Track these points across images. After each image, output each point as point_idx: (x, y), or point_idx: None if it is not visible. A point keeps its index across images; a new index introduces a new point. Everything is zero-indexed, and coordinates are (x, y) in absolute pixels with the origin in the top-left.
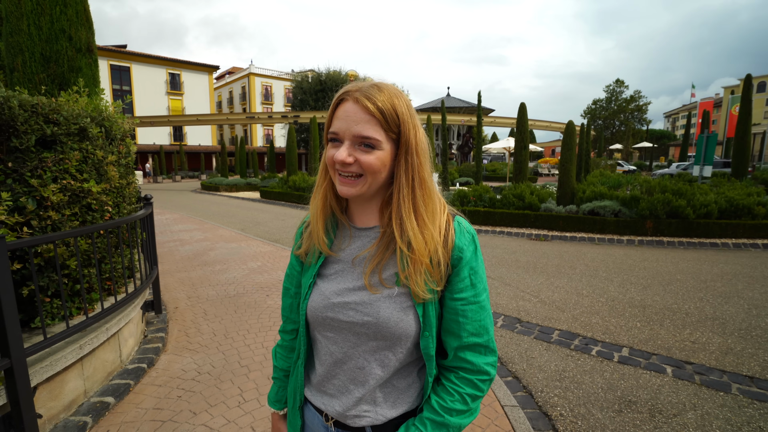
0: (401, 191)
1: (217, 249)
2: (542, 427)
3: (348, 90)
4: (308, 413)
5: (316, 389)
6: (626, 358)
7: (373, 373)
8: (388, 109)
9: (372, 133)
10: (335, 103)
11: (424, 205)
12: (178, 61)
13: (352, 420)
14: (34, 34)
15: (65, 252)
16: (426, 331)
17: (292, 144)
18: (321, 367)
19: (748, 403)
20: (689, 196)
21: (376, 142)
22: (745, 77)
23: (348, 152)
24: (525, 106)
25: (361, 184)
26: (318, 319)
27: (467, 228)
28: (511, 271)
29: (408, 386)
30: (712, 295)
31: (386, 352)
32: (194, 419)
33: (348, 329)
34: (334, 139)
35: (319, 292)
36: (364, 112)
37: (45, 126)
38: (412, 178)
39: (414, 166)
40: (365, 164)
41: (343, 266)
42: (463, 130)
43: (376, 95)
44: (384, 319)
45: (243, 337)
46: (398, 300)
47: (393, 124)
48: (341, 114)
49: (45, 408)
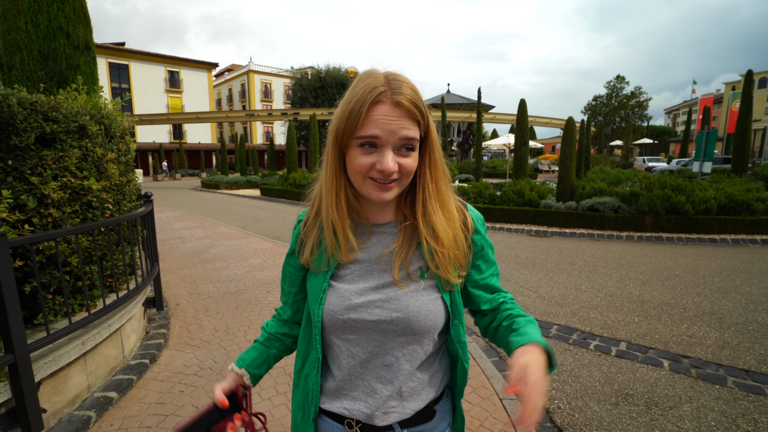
0: (427, 187)
1: (217, 246)
2: (540, 420)
3: (381, 90)
4: (324, 425)
5: (334, 396)
6: (624, 352)
7: (401, 369)
8: (420, 104)
9: (414, 134)
10: (369, 105)
11: (447, 198)
12: (177, 59)
13: (380, 419)
14: (32, 31)
15: (67, 249)
16: (456, 320)
17: (292, 141)
18: (340, 372)
19: (743, 395)
20: (688, 192)
21: (415, 144)
22: (746, 73)
23: (394, 160)
24: (525, 103)
25: (396, 188)
26: (338, 323)
27: (477, 213)
28: (511, 267)
29: (431, 377)
30: (710, 290)
31: (414, 345)
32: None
33: (373, 328)
34: (368, 143)
35: (337, 294)
36: (406, 113)
37: (44, 124)
38: (437, 174)
39: (437, 161)
40: (406, 168)
41: (362, 265)
42: (463, 126)
43: (407, 91)
44: (414, 313)
45: (244, 333)
46: (425, 293)
47: (425, 120)
48: (379, 117)
49: (49, 403)
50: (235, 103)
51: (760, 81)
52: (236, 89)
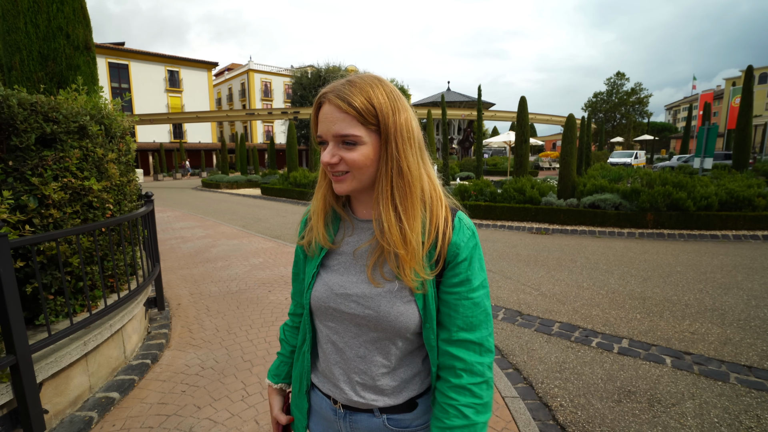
0: (381, 183)
1: (218, 246)
2: (542, 418)
3: (324, 92)
4: (315, 397)
5: (323, 375)
6: (626, 349)
7: (375, 361)
8: (362, 102)
9: (350, 130)
10: (315, 108)
11: (402, 196)
12: (176, 58)
13: (360, 405)
14: (32, 32)
15: (67, 250)
16: (427, 323)
17: (293, 140)
18: (324, 356)
19: (745, 391)
20: (689, 188)
21: (356, 138)
22: (746, 69)
23: (331, 153)
24: (525, 100)
25: (349, 181)
26: (321, 309)
27: (468, 224)
28: (512, 264)
29: (413, 376)
30: (711, 286)
31: (386, 342)
32: (198, 413)
33: (349, 320)
34: (321, 142)
35: (322, 282)
36: (340, 112)
37: (44, 124)
38: (391, 169)
39: (393, 155)
40: (349, 161)
41: (346, 258)
42: (464, 124)
43: (348, 92)
44: (384, 313)
45: (246, 332)
46: (399, 294)
47: (370, 116)
48: (321, 117)
49: (51, 403)
50: (235, 102)
51: (760, 76)
52: (236, 88)
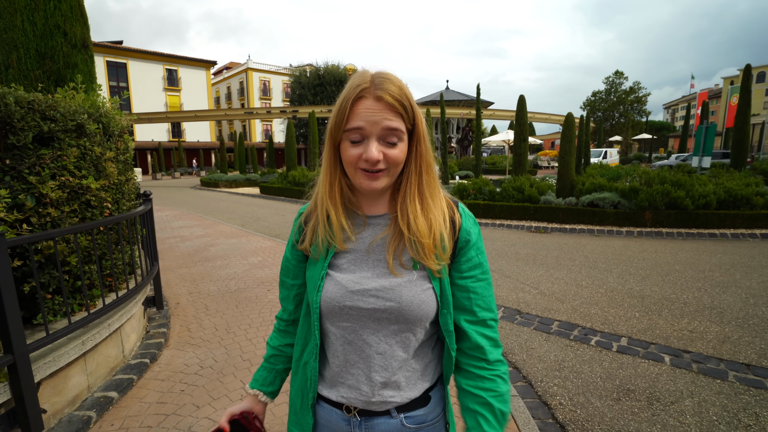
0: (410, 178)
1: (217, 245)
2: (542, 416)
3: (364, 86)
4: (323, 410)
5: (332, 383)
6: (625, 348)
7: (395, 355)
8: (404, 99)
9: (398, 125)
10: (353, 101)
11: (429, 189)
12: (175, 57)
13: (378, 406)
14: (29, 30)
15: (65, 249)
16: (444, 309)
17: (291, 139)
18: (336, 360)
19: (744, 390)
20: (688, 187)
21: (401, 135)
22: (744, 67)
23: (379, 149)
24: (524, 99)
25: (385, 178)
26: (334, 310)
27: (469, 212)
28: (511, 263)
29: (425, 366)
30: (710, 284)
31: (407, 333)
32: (197, 412)
33: (368, 316)
34: (354, 137)
35: (334, 282)
36: (388, 106)
37: (42, 123)
38: (420, 165)
39: (422, 153)
40: (392, 158)
41: (356, 255)
42: (463, 123)
43: (391, 87)
44: (407, 302)
45: (245, 331)
46: (418, 283)
47: (410, 113)
48: (362, 111)
49: (49, 403)
50: (234, 101)
51: (758, 75)
52: (235, 87)
